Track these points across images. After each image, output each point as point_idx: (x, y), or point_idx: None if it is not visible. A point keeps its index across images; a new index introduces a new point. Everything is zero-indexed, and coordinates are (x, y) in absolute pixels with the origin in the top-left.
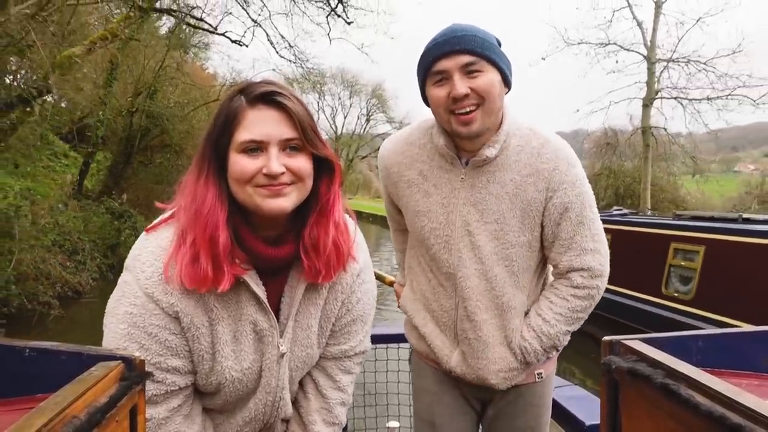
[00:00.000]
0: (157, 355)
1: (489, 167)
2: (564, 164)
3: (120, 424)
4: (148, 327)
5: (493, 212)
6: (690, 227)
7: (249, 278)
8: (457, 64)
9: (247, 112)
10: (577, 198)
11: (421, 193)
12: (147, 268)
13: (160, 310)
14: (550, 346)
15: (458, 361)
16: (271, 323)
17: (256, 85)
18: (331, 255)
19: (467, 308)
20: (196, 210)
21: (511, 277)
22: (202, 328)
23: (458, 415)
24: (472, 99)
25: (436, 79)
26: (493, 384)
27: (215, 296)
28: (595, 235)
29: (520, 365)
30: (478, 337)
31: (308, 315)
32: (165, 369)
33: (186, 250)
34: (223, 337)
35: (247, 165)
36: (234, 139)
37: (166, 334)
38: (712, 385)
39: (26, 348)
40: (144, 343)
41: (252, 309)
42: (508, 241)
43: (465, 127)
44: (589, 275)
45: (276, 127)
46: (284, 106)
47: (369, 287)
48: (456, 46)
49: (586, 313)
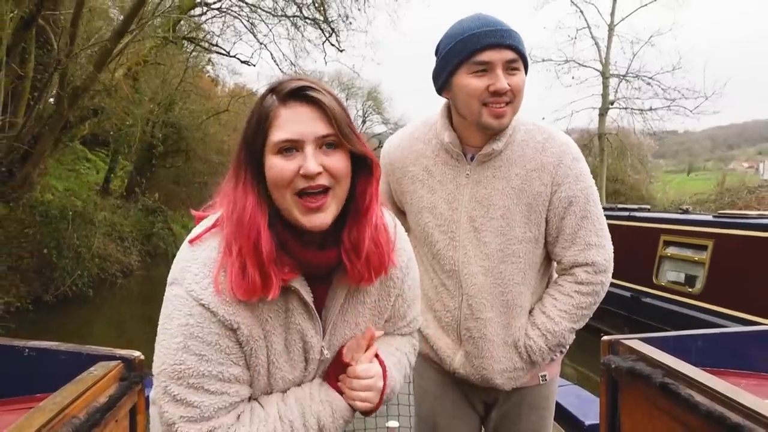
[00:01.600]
0: (218, 364)
1: (494, 162)
2: (568, 158)
3: (119, 424)
4: (207, 336)
5: (498, 208)
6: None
7: (298, 284)
8: (502, 58)
9: (280, 110)
10: (582, 192)
11: (426, 189)
12: (201, 280)
13: (218, 320)
14: (555, 345)
15: (462, 362)
16: (317, 329)
17: (287, 82)
18: (371, 257)
19: (472, 306)
20: (238, 218)
21: (518, 274)
22: (260, 340)
23: (460, 417)
24: (508, 95)
25: (476, 69)
26: (498, 384)
27: (267, 306)
28: (599, 230)
29: (525, 365)
30: (483, 335)
31: (356, 314)
32: (227, 379)
33: (234, 260)
34: (277, 348)
35: (283, 167)
36: (269, 141)
37: (226, 341)
38: (711, 384)
39: (26, 348)
40: (204, 353)
41: (300, 317)
42: (514, 237)
43: (497, 120)
44: (594, 270)
45: (310, 124)
46: (317, 101)
47: (415, 273)
48: (505, 41)
49: (591, 310)
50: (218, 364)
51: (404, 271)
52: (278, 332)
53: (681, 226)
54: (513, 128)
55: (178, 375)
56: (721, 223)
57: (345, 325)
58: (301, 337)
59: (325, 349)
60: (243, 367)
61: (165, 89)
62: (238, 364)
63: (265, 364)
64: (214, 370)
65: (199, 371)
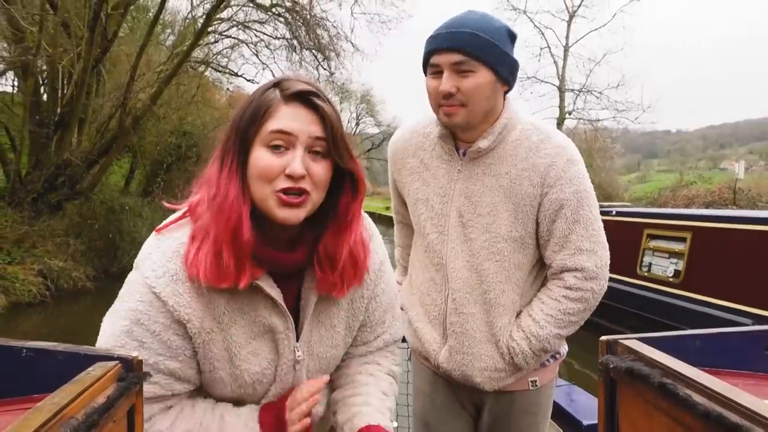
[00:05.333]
0: (156, 354)
1: (485, 159)
2: (562, 161)
3: (117, 425)
4: (152, 325)
5: (486, 204)
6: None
7: (262, 282)
8: (448, 61)
9: (281, 105)
10: (574, 195)
11: (421, 181)
12: (158, 268)
13: (167, 310)
14: (539, 349)
15: (446, 356)
16: (288, 326)
17: (293, 82)
18: (346, 270)
19: (456, 300)
20: (219, 204)
21: (501, 273)
22: (213, 333)
23: (451, 417)
24: (457, 98)
25: (432, 71)
26: (478, 383)
27: (226, 301)
28: (592, 235)
29: (507, 366)
30: (464, 330)
31: (331, 315)
32: (161, 371)
33: (209, 246)
34: (238, 340)
35: (271, 162)
36: (262, 129)
37: (170, 334)
38: (710, 384)
39: (23, 348)
40: (145, 341)
41: (267, 312)
42: (500, 235)
43: (447, 118)
44: (583, 276)
45: (307, 124)
46: (319, 108)
47: (389, 277)
48: (447, 44)
49: (580, 317)
50: (156, 354)
51: (377, 274)
52: (240, 325)
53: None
54: (504, 126)
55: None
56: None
57: (321, 326)
58: (267, 330)
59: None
60: (183, 363)
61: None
62: (177, 359)
63: (224, 355)
64: (150, 359)
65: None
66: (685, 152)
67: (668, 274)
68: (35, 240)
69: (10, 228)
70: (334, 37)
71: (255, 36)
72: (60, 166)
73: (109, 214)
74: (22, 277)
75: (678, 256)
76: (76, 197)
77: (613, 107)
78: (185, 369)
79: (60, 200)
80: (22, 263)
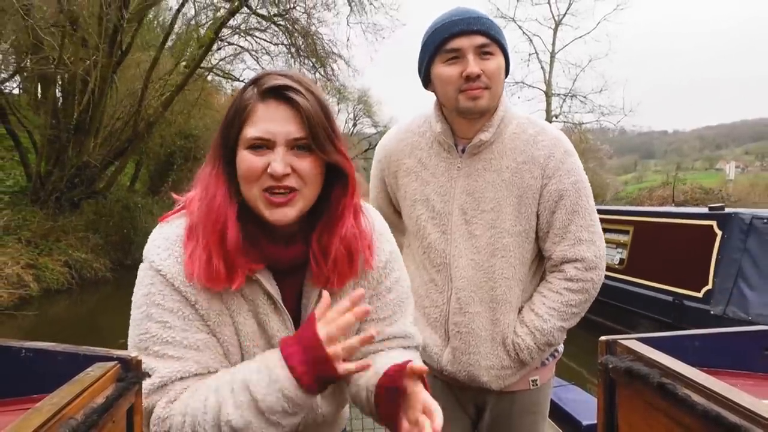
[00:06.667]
0: (181, 330)
1: (485, 155)
2: (560, 152)
3: (117, 425)
4: (168, 303)
5: (489, 200)
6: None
7: (261, 276)
8: (472, 43)
9: (257, 106)
10: (573, 186)
11: (419, 181)
12: (162, 252)
13: (176, 290)
14: (544, 343)
15: (449, 359)
16: (287, 325)
17: (270, 77)
18: (340, 263)
19: (461, 300)
20: (208, 205)
21: (508, 269)
22: (223, 315)
23: (452, 421)
24: (482, 80)
25: (448, 57)
26: (484, 383)
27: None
28: (590, 226)
29: (513, 363)
30: (470, 330)
31: None
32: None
33: (200, 250)
34: (245, 330)
35: (253, 162)
36: (242, 135)
37: (188, 310)
38: (709, 384)
39: (22, 348)
40: (166, 320)
41: (267, 308)
42: (505, 230)
43: (473, 102)
44: (584, 267)
45: (283, 125)
46: (295, 102)
47: (398, 275)
48: (473, 26)
49: (581, 308)
50: (181, 331)
51: (381, 272)
52: (246, 316)
53: (611, 215)
54: (501, 119)
55: (144, 345)
56: (641, 212)
57: None
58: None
59: None
60: (209, 335)
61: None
62: (202, 331)
63: (234, 340)
64: (177, 336)
65: (162, 338)
66: (682, 152)
67: (615, 262)
68: (59, 234)
69: (38, 224)
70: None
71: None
72: (80, 167)
73: (123, 211)
74: (51, 266)
75: (623, 246)
76: (94, 196)
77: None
78: (214, 340)
79: (80, 198)
80: (49, 255)
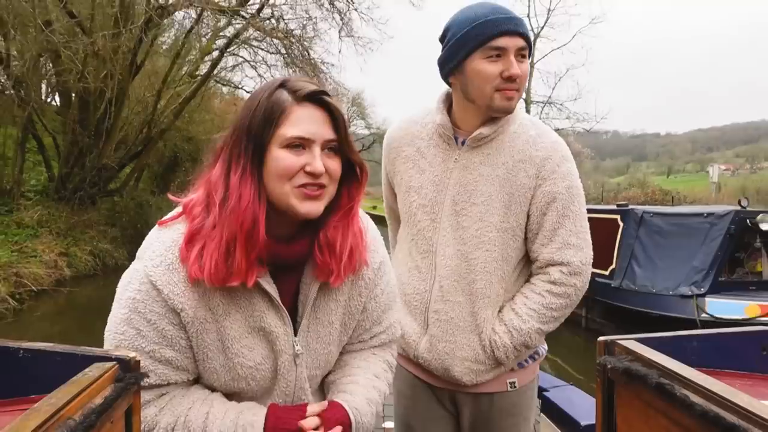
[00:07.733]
0: (152, 343)
1: (483, 149)
2: (557, 156)
3: (115, 425)
4: (148, 314)
5: (480, 194)
6: None
7: (260, 276)
8: (515, 44)
9: (294, 108)
10: (567, 190)
11: (416, 169)
12: (156, 257)
13: (162, 299)
14: (520, 344)
15: (426, 347)
16: (285, 321)
17: (302, 83)
18: (344, 256)
19: (443, 288)
20: (233, 206)
21: (490, 263)
22: (207, 323)
23: (433, 419)
24: (518, 83)
25: (491, 54)
26: (456, 375)
27: (221, 294)
28: (580, 231)
29: (487, 359)
30: (449, 318)
31: (329, 311)
32: (158, 359)
33: (216, 248)
34: (232, 333)
35: (292, 161)
36: (278, 134)
37: (165, 323)
38: (707, 385)
39: (20, 349)
40: (142, 329)
41: (263, 306)
42: (492, 224)
43: (508, 102)
44: (568, 271)
45: (321, 126)
46: (330, 107)
47: (389, 278)
48: (519, 28)
49: (562, 313)
50: (153, 343)
51: (376, 273)
52: (234, 318)
53: None
54: (505, 118)
55: (117, 344)
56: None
57: (318, 322)
58: (262, 328)
59: (297, 344)
60: (179, 352)
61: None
62: (172, 348)
63: (217, 346)
64: (147, 347)
65: (134, 345)
66: (674, 155)
67: None
68: (83, 228)
69: (65, 218)
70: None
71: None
72: (99, 168)
73: (136, 208)
74: (79, 255)
75: None
76: (110, 194)
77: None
78: (181, 359)
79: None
80: (76, 245)
